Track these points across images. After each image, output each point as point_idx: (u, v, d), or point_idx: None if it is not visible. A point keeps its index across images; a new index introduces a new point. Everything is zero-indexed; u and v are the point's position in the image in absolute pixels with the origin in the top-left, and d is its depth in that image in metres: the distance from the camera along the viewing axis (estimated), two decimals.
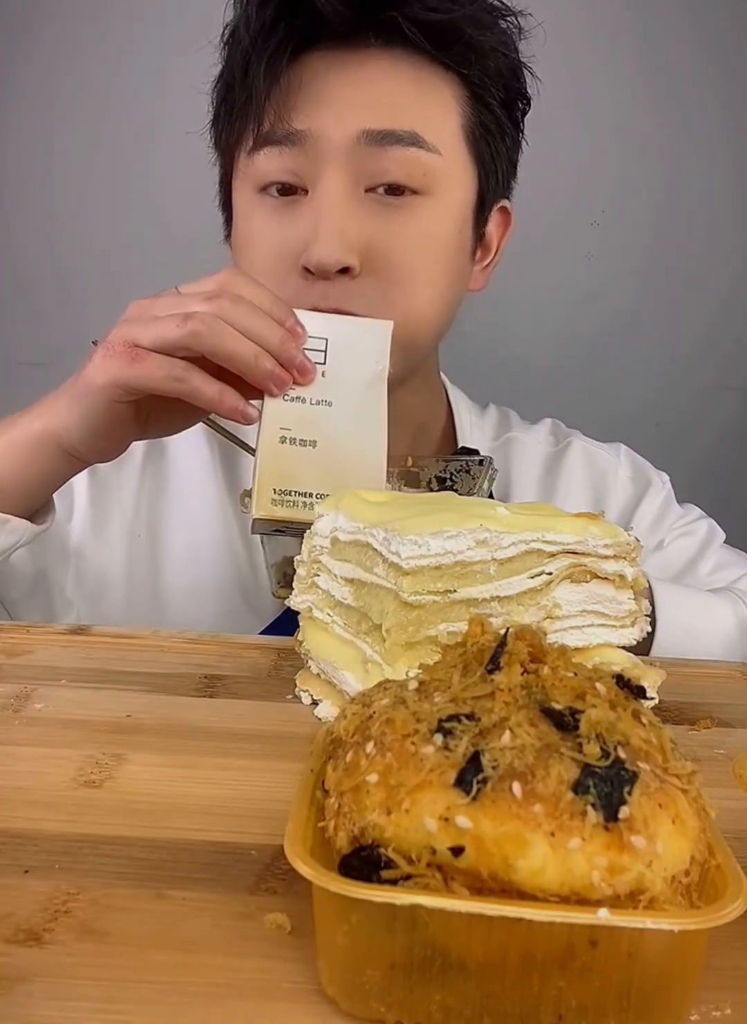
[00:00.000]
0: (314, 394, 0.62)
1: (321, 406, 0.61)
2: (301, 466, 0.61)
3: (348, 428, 0.62)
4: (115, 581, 0.81)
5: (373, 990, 0.26)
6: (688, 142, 1.45)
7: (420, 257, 0.72)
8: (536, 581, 0.47)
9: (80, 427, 0.62)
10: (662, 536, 0.87)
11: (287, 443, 0.61)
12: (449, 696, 0.29)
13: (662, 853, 0.26)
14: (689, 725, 0.50)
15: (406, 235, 0.71)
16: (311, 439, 0.61)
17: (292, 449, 0.61)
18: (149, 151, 1.42)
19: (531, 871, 0.25)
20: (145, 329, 0.58)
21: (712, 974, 0.29)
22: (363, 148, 0.68)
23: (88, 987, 0.27)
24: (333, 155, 0.69)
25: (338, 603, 0.50)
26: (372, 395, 0.63)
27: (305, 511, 0.60)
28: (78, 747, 0.43)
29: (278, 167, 0.70)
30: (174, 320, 0.58)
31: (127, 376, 0.58)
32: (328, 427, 0.61)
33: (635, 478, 0.90)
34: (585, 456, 0.91)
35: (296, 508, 0.60)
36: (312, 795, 0.30)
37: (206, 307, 0.58)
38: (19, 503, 0.65)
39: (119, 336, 0.59)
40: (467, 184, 0.74)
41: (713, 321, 1.51)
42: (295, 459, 0.61)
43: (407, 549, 0.44)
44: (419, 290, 0.72)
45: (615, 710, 0.28)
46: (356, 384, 0.63)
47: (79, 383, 0.61)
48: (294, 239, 0.70)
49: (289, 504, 0.60)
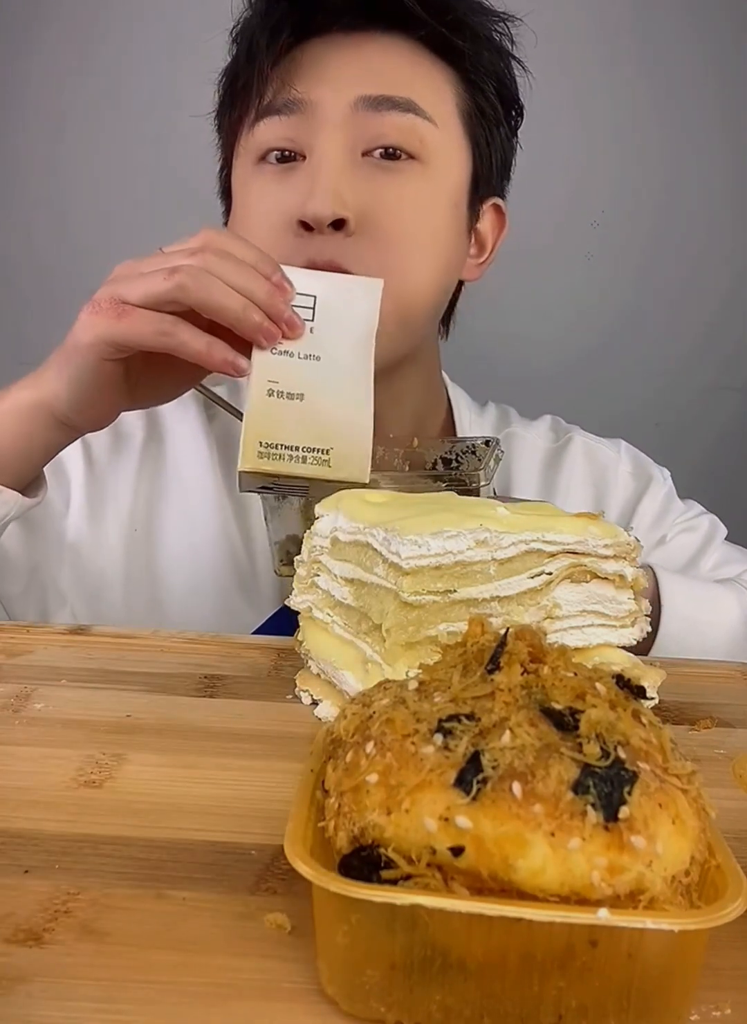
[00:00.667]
0: (302, 348, 0.61)
1: (309, 360, 0.61)
2: (288, 419, 0.60)
3: (335, 383, 0.61)
4: (111, 576, 0.80)
5: (373, 990, 0.26)
6: (688, 142, 1.45)
7: (414, 222, 0.73)
8: (536, 581, 0.47)
9: (69, 391, 0.62)
10: (664, 532, 0.87)
11: (274, 396, 0.60)
12: (449, 696, 0.29)
13: (662, 853, 0.26)
14: (689, 725, 0.50)
15: (401, 198, 0.72)
16: (298, 392, 0.61)
17: (279, 402, 0.60)
18: (149, 152, 1.42)
19: (531, 871, 0.25)
20: (131, 285, 0.58)
21: (712, 974, 0.29)
22: (360, 113, 0.71)
23: (88, 987, 0.27)
24: (330, 121, 0.70)
25: (338, 603, 0.50)
26: (360, 352, 0.62)
27: (291, 464, 0.60)
28: (78, 747, 0.43)
29: (277, 134, 0.72)
30: (160, 275, 0.58)
31: (114, 332, 0.58)
32: (315, 381, 0.61)
33: (636, 474, 0.90)
34: (586, 451, 0.91)
35: (282, 461, 0.60)
36: (312, 795, 0.30)
37: (192, 261, 0.58)
38: (10, 475, 0.65)
39: (105, 294, 0.59)
40: (462, 163, 0.76)
41: (713, 321, 1.51)
42: (282, 412, 0.60)
43: (407, 549, 0.44)
44: (413, 256, 0.73)
45: (615, 710, 0.28)
46: (344, 341, 0.62)
47: (67, 345, 0.61)
48: (290, 200, 0.71)
49: (276, 457, 0.60)
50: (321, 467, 0.60)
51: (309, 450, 0.60)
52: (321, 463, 0.60)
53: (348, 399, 0.62)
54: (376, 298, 0.63)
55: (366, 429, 0.62)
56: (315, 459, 0.60)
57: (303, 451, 0.60)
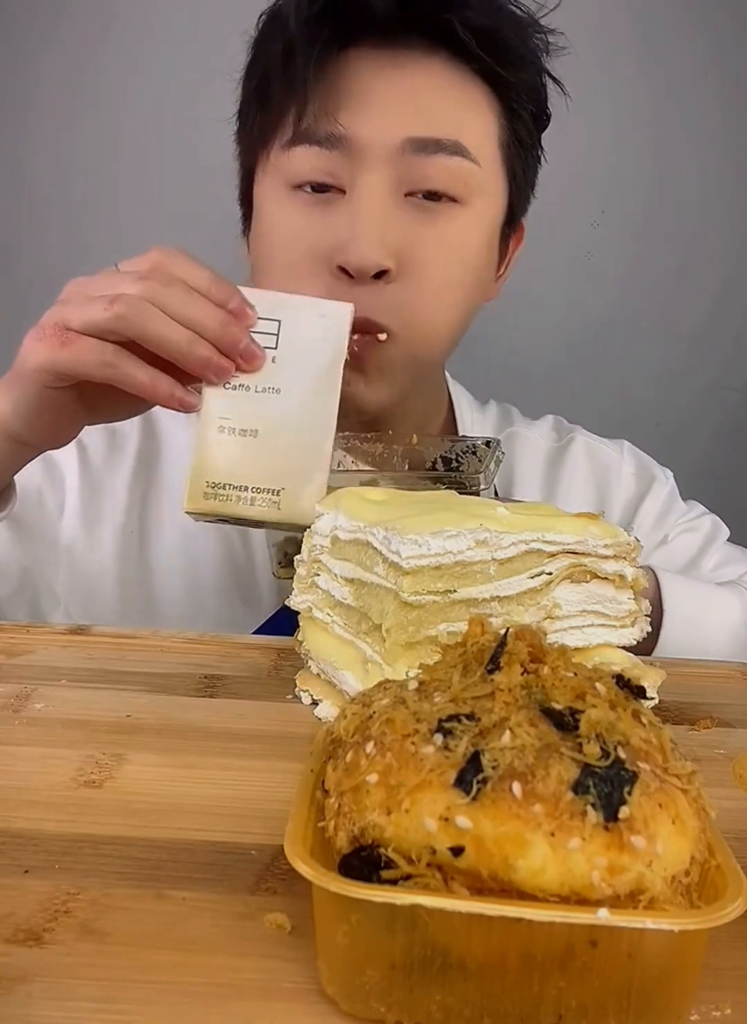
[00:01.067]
0: (261, 381, 0.57)
1: (267, 393, 0.57)
2: (239, 457, 0.57)
3: (295, 418, 0.58)
4: (107, 579, 0.80)
5: (373, 990, 0.26)
6: (688, 142, 1.46)
7: (452, 265, 0.71)
8: (536, 581, 0.47)
9: (16, 414, 0.59)
10: (666, 532, 0.87)
11: (225, 432, 0.57)
12: (449, 696, 0.29)
13: (662, 853, 0.26)
14: (689, 725, 0.50)
15: (441, 242, 0.70)
16: (252, 428, 0.57)
17: (230, 439, 0.57)
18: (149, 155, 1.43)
19: (531, 871, 0.25)
20: (75, 311, 0.55)
21: (712, 974, 0.29)
22: (407, 156, 0.68)
23: (88, 987, 0.27)
24: (375, 161, 0.68)
25: (338, 603, 0.50)
26: (325, 383, 0.58)
27: (241, 506, 0.57)
28: (78, 747, 0.43)
29: (316, 167, 0.69)
30: (102, 302, 0.54)
31: (56, 360, 0.55)
32: (273, 416, 0.57)
33: (639, 474, 0.90)
34: (588, 452, 0.90)
35: (229, 502, 0.57)
36: (312, 795, 0.30)
37: (135, 288, 0.54)
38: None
39: (50, 319, 0.56)
40: (499, 198, 0.75)
41: (712, 321, 1.51)
42: (233, 449, 0.57)
43: (407, 548, 0.44)
44: (449, 298, 0.72)
45: (615, 710, 0.28)
46: (309, 371, 0.58)
47: (14, 368, 0.58)
48: (328, 238, 0.68)
49: (223, 498, 0.57)
50: (269, 509, 0.57)
51: (259, 490, 0.57)
52: (270, 504, 0.57)
53: (306, 435, 0.58)
54: (346, 323, 0.59)
55: (322, 469, 0.58)
56: (264, 500, 0.57)
57: (252, 491, 0.57)
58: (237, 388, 0.57)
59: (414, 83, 0.69)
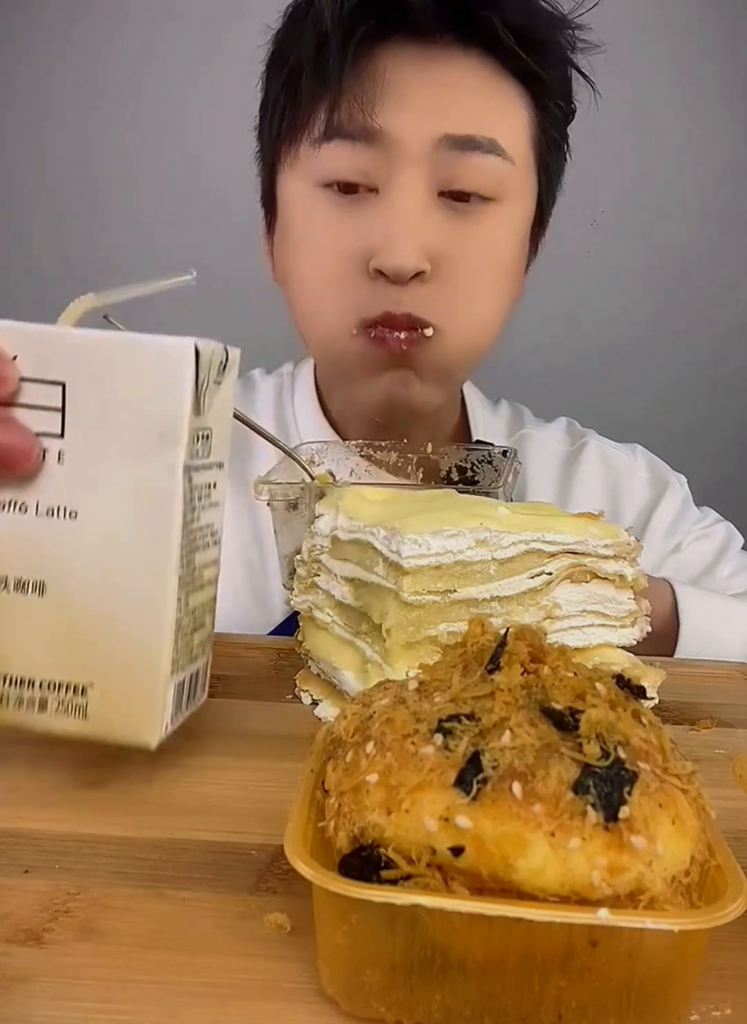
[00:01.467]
0: (42, 496, 0.36)
1: (55, 519, 0.36)
2: (14, 631, 0.37)
3: (109, 559, 0.36)
4: None
5: (373, 990, 0.26)
6: (688, 142, 1.46)
7: (485, 265, 0.71)
8: (536, 581, 0.47)
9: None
10: (679, 539, 0.85)
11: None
12: (449, 696, 0.29)
13: (662, 853, 0.26)
14: (689, 725, 0.50)
15: (474, 241, 0.70)
16: (36, 579, 0.36)
17: (2, 598, 0.36)
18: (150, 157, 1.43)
19: (531, 871, 0.25)
20: None
21: (712, 974, 0.29)
22: (442, 153, 0.67)
23: (88, 987, 0.28)
24: (411, 158, 0.67)
25: (338, 603, 0.50)
26: (163, 492, 0.35)
27: (16, 712, 0.37)
28: (78, 747, 0.43)
29: (350, 165, 0.67)
30: None
31: None
32: (69, 558, 0.36)
33: (653, 480, 0.89)
34: (601, 457, 0.89)
35: (8, 707, 0.37)
36: (312, 795, 0.30)
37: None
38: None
39: None
40: (531, 196, 0.74)
41: (712, 321, 1.51)
42: (4, 619, 0.37)
43: (408, 548, 0.44)
44: (482, 299, 0.71)
45: (615, 710, 0.28)
46: (128, 473, 0.35)
47: None
48: (362, 239, 0.67)
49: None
50: (70, 718, 0.37)
51: (52, 687, 0.37)
52: (71, 710, 0.37)
53: (132, 589, 0.36)
54: (189, 373, 0.35)
55: (165, 651, 0.36)
56: (61, 703, 0.37)
57: (41, 688, 0.37)
58: (6, 510, 0.36)
59: (449, 79, 0.68)
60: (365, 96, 0.65)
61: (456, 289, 0.69)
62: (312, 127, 0.68)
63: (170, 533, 0.35)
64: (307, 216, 0.71)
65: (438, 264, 0.68)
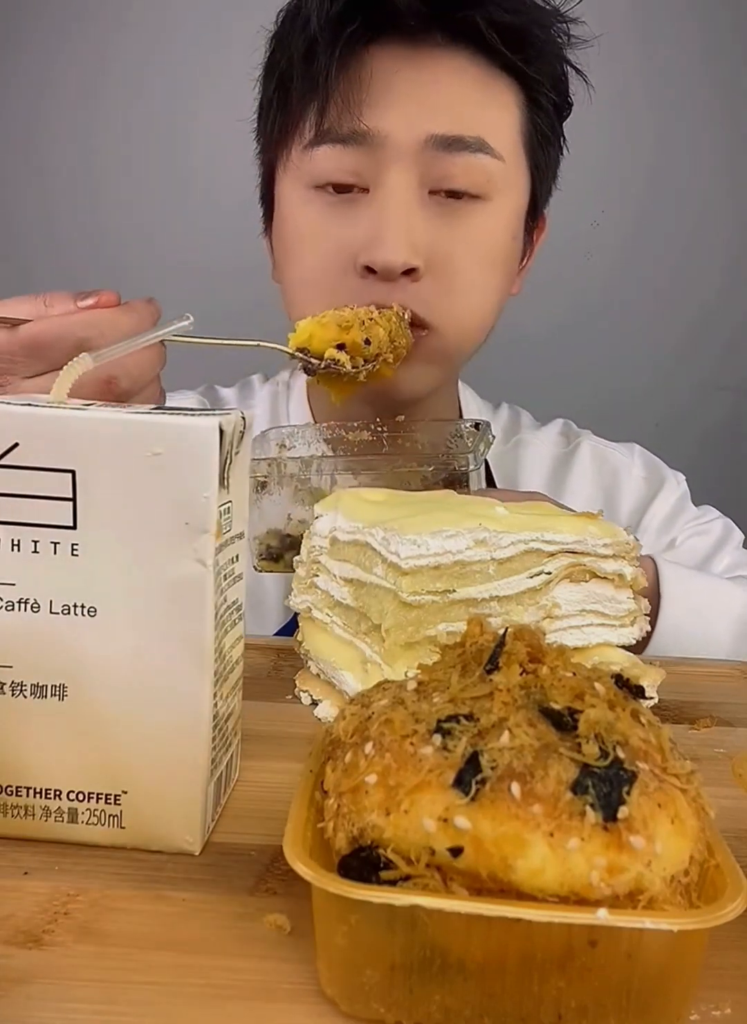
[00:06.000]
0: (56, 593, 0.33)
1: (72, 616, 0.33)
2: (36, 738, 0.34)
3: (136, 659, 0.33)
4: None
5: (373, 991, 0.26)
6: (688, 143, 1.46)
7: (477, 262, 0.71)
8: (535, 581, 0.47)
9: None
10: (674, 535, 0.86)
11: (8, 691, 0.34)
12: (448, 696, 0.29)
13: (661, 853, 0.26)
14: (689, 724, 0.50)
15: (466, 239, 0.70)
16: (55, 682, 0.34)
17: (18, 703, 0.34)
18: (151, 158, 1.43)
19: (530, 871, 0.25)
20: None
21: (712, 974, 0.29)
22: (430, 152, 0.68)
23: (88, 988, 0.27)
24: (399, 157, 0.67)
25: (337, 603, 0.50)
26: (192, 583, 0.33)
27: (52, 823, 0.34)
28: None
29: (338, 166, 0.69)
30: None
31: None
32: (91, 658, 0.33)
33: (649, 478, 0.89)
34: (595, 456, 0.90)
35: (24, 819, 0.35)
36: (311, 796, 0.30)
37: None
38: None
39: None
40: (522, 191, 0.75)
41: (711, 321, 1.51)
42: (23, 726, 0.34)
43: (406, 549, 0.44)
44: (476, 294, 0.72)
45: (614, 710, 0.28)
46: (152, 565, 0.33)
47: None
48: (353, 238, 0.68)
49: (16, 810, 0.34)
50: (105, 828, 0.35)
51: (81, 797, 0.34)
52: (104, 820, 0.34)
53: (164, 688, 0.33)
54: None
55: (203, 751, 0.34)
56: (93, 812, 0.34)
57: (69, 799, 0.34)
58: (17, 608, 0.33)
59: (436, 79, 0.69)
60: (353, 98, 0.67)
61: (449, 288, 0.70)
62: (303, 132, 0.70)
63: (203, 627, 0.33)
64: (301, 217, 0.72)
65: (430, 262, 0.69)
